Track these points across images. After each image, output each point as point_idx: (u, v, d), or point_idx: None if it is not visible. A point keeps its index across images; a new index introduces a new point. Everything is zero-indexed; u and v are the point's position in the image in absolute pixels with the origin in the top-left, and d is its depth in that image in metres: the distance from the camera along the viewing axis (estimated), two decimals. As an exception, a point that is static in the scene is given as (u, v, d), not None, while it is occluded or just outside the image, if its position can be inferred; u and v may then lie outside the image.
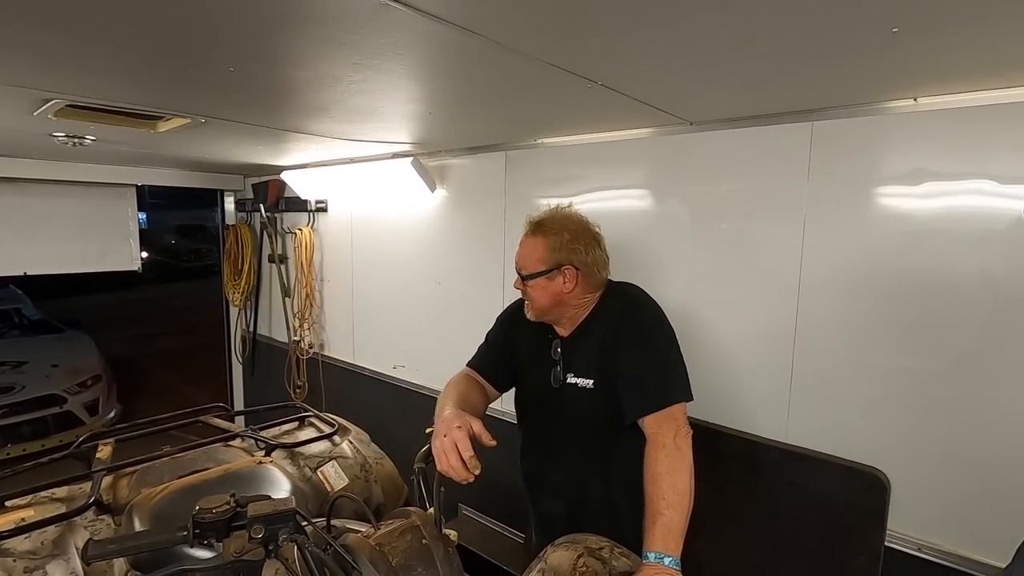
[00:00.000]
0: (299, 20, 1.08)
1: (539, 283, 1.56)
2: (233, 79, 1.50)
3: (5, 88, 1.58)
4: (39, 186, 3.42)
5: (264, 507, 0.97)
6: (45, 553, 1.42)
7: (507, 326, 1.78)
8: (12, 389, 4.82)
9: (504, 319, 1.81)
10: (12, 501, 1.60)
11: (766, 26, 1.07)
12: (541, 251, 1.57)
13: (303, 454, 2.00)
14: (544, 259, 1.56)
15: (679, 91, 1.60)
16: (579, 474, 1.61)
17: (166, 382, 7.27)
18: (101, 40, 1.21)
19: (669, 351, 1.52)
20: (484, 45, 1.18)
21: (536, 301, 1.58)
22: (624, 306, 1.57)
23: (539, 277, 1.56)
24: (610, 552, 1.29)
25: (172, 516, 1.45)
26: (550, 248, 1.56)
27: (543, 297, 1.57)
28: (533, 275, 1.56)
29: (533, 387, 1.69)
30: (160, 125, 2.16)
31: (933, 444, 1.61)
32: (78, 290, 11.60)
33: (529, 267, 1.58)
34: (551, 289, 1.56)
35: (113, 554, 0.94)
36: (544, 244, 1.56)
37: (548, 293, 1.56)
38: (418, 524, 1.11)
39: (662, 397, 1.44)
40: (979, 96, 1.46)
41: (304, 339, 3.86)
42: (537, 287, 1.57)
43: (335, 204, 3.63)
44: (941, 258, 1.56)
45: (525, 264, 1.59)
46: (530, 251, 1.59)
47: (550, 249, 1.56)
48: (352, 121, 2.06)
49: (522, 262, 1.60)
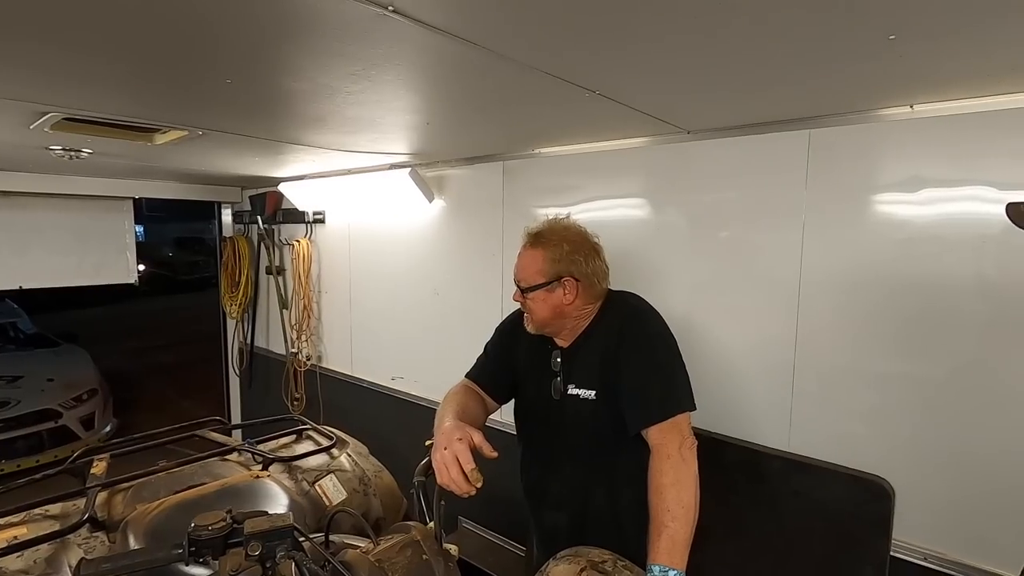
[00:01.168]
0: (297, 31, 1.08)
1: (539, 295, 1.54)
2: (230, 91, 1.50)
3: (1, 102, 1.57)
4: (35, 199, 3.41)
5: (261, 523, 0.95)
6: (38, 572, 1.39)
7: (506, 337, 1.76)
8: (7, 404, 4.77)
9: (503, 330, 1.80)
10: (5, 519, 1.57)
11: (764, 35, 1.07)
12: (540, 263, 1.55)
13: (301, 468, 1.97)
14: (544, 271, 1.54)
15: (677, 100, 1.61)
16: (581, 486, 1.59)
17: (163, 396, 7.21)
18: (98, 53, 1.21)
19: (671, 360, 1.51)
20: (483, 55, 1.18)
21: (536, 313, 1.56)
22: (625, 316, 1.56)
23: (539, 289, 1.54)
24: (613, 565, 1.27)
25: (168, 532, 1.43)
26: (550, 260, 1.54)
27: (543, 309, 1.55)
28: (533, 287, 1.54)
29: (533, 399, 1.67)
30: (157, 137, 2.16)
31: (937, 452, 1.59)
32: (74, 304, 11.55)
33: (529, 279, 1.56)
34: (551, 301, 1.54)
35: (107, 573, 0.92)
36: (543, 256, 1.55)
37: (548, 305, 1.54)
38: (418, 539, 1.10)
39: (666, 407, 1.42)
40: (975, 103, 1.47)
41: (302, 351, 3.83)
42: (537, 299, 1.55)
43: (333, 215, 3.63)
44: (939, 264, 1.56)
45: (524, 276, 1.57)
46: (529, 263, 1.57)
47: (550, 261, 1.54)
48: (350, 132, 2.06)
49: (521, 274, 1.58)
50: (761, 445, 1.89)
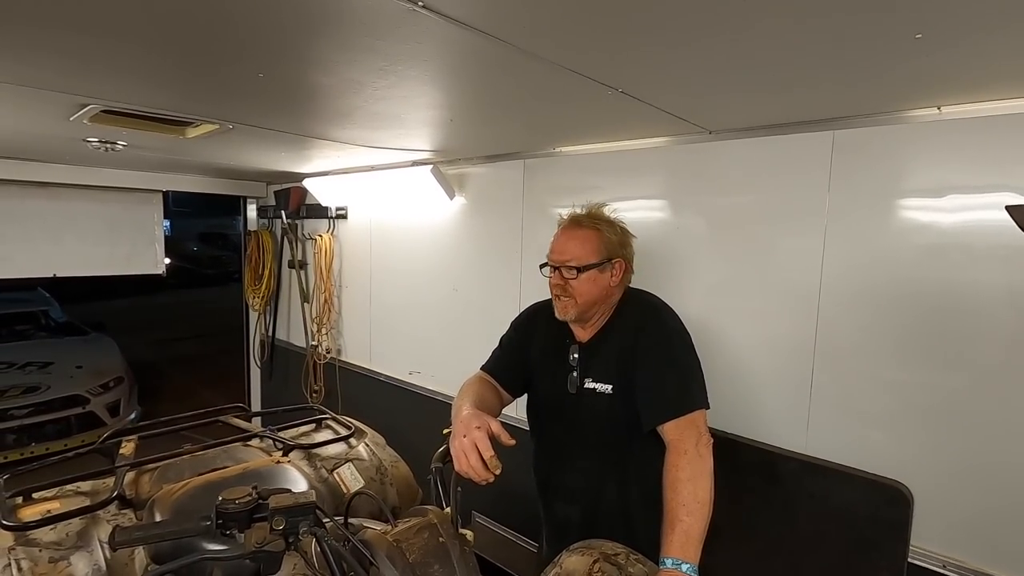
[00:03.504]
0: (328, 24, 1.11)
1: (591, 275, 1.54)
2: (261, 84, 1.54)
3: (46, 93, 1.64)
4: (70, 190, 3.52)
5: (285, 499, 0.98)
6: (69, 544, 1.45)
7: (521, 331, 1.78)
8: (38, 389, 4.93)
9: (518, 324, 1.81)
10: (39, 493, 1.64)
11: (790, 34, 1.08)
12: (595, 242, 1.55)
13: (320, 455, 2.02)
14: (598, 250, 1.55)
15: (700, 99, 1.61)
16: (594, 479, 1.60)
17: (186, 385, 7.38)
18: (136, 44, 1.26)
19: (689, 358, 1.51)
20: (509, 52, 1.20)
21: (583, 296, 1.54)
22: (643, 313, 1.58)
23: (592, 269, 1.54)
24: (626, 558, 1.28)
25: (192, 511, 1.47)
26: (604, 240, 1.56)
27: (592, 291, 1.54)
28: (587, 267, 1.53)
29: (548, 392, 1.69)
30: (189, 131, 2.22)
31: (958, 459, 1.57)
32: (103, 295, 11.86)
33: (584, 258, 1.54)
34: (601, 282, 1.55)
35: (139, 541, 0.97)
36: (597, 236, 1.56)
37: (598, 287, 1.55)
38: (435, 522, 1.12)
39: (683, 404, 1.43)
40: (1005, 105, 1.44)
41: (322, 344, 3.90)
42: (588, 280, 1.54)
43: (355, 211, 3.69)
44: (965, 272, 1.54)
45: (578, 255, 1.54)
46: (583, 243, 1.56)
47: (605, 241, 1.56)
48: (375, 128, 2.10)
49: (572, 254, 1.55)
50: (777, 447, 1.88)
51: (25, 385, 4.93)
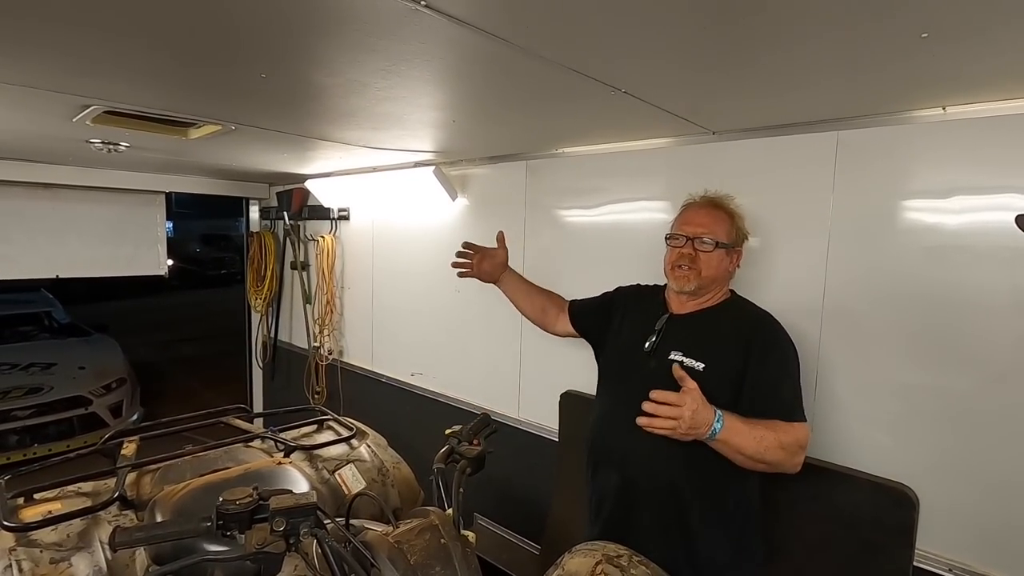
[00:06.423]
0: (331, 25, 1.11)
1: (720, 254, 1.58)
2: (264, 85, 1.54)
3: (49, 94, 1.64)
4: (73, 192, 3.53)
5: (286, 500, 0.98)
6: (71, 545, 1.45)
7: (620, 296, 1.85)
8: (41, 390, 4.93)
9: (621, 290, 1.88)
10: (40, 494, 1.64)
11: (794, 33, 1.07)
12: (728, 225, 1.60)
13: (321, 456, 2.01)
14: (729, 233, 1.60)
15: (703, 100, 1.61)
16: (647, 444, 1.50)
17: (188, 387, 7.37)
18: (139, 46, 1.26)
19: (797, 374, 1.54)
20: (512, 52, 1.20)
21: (709, 270, 1.57)
22: (759, 315, 1.60)
23: (723, 248, 1.58)
24: (628, 560, 1.27)
25: (193, 512, 1.46)
26: (736, 226, 1.62)
27: (717, 268, 1.58)
28: (721, 245, 1.57)
29: (624, 354, 1.69)
30: (192, 132, 2.23)
31: (964, 462, 1.56)
32: (105, 296, 11.89)
33: (719, 235, 1.58)
34: (724, 264, 1.60)
35: (139, 542, 0.96)
36: (730, 220, 1.61)
37: (722, 267, 1.59)
38: (437, 523, 1.11)
39: (794, 411, 1.48)
40: (1011, 105, 1.44)
41: (324, 345, 3.90)
42: (716, 257, 1.57)
43: (357, 212, 3.69)
44: (970, 274, 1.53)
45: (715, 231, 1.58)
46: (718, 221, 1.60)
47: (736, 227, 1.62)
48: (377, 129, 2.10)
49: (710, 228, 1.58)
50: (781, 449, 1.86)
51: (28, 386, 4.93)
